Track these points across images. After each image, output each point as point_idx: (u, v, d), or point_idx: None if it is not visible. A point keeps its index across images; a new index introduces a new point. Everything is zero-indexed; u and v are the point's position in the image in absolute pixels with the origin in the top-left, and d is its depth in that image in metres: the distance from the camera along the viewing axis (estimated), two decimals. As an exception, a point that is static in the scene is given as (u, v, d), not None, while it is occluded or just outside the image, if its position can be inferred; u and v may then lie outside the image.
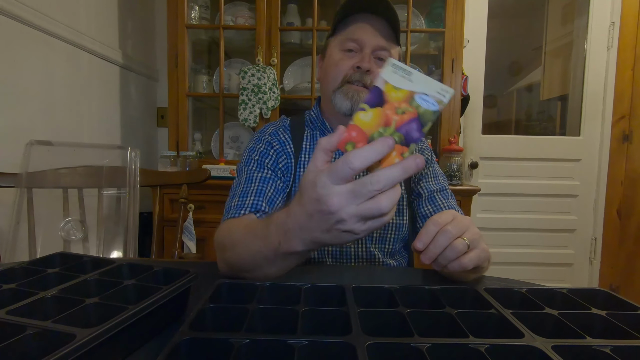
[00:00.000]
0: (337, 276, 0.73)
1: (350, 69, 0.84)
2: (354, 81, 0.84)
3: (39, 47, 1.44)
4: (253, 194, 0.80)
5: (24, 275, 0.52)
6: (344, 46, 0.85)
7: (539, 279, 2.19)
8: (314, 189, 0.43)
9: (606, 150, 2.31)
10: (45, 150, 1.13)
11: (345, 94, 0.84)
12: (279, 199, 0.82)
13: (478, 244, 0.58)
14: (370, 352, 0.35)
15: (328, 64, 0.88)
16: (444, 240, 0.54)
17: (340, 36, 0.86)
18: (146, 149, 2.24)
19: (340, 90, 0.85)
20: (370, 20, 0.84)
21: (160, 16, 2.24)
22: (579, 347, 0.37)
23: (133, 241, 1.17)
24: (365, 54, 0.84)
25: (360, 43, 0.84)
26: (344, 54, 0.86)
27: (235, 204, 0.78)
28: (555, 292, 0.51)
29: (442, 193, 0.93)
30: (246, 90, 1.89)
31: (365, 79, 0.84)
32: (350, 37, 0.84)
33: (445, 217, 0.56)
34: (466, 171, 2.26)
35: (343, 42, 0.85)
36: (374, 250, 0.87)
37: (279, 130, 0.92)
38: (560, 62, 2.60)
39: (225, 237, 0.70)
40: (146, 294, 0.44)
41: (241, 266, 0.64)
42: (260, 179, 0.82)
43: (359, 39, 0.84)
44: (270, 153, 0.87)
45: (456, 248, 0.54)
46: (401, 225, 0.90)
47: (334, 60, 0.86)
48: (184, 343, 0.36)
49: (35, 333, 0.36)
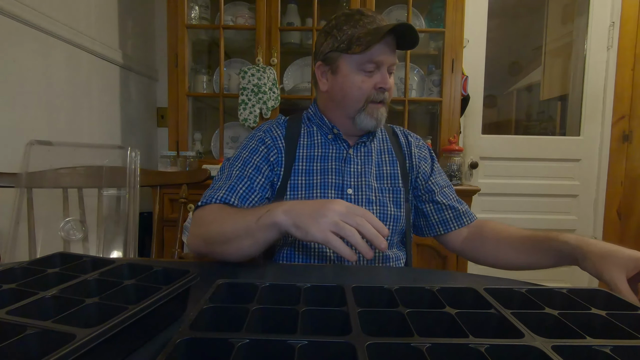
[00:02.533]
0: (337, 276, 0.73)
1: (372, 89, 0.88)
2: (377, 101, 0.89)
3: (39, 47, 1.44)
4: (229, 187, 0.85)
5: (24, 275, 0.52)
6: (365, 67, 0.86)
7: (539, 279, 2.18)
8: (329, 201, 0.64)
9: (606, 150, 2.31)
10: (45, 150, 1.13)
11: (370, 114, 0.89)
12: (253, 196, 0.86)
13: None
14: (370, 352, 0.35)
15: (346, 84, 0.89)
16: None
17: (361, 57, 0.86)
18: (146, 149, 2.24)
19: (365, 110, 0.89)
20: (388, 40, 0.86)
21: (160, 16, 2.24)
22: (579, 347, 0.37)
23: (133, 241, 1.17)
24: (384, 74, 0.87)
25: (380, 64, 0.87)
26: (364, 76, 0.87)
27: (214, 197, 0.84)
28: (555, 292, 0.51)
29: (449, 188, 0.99)
30: (246, 90, 1.89)
31: (385, 96, 0.89)
32: (371, 59, 0.86)
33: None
34: (466, 171, 2.25)
35: (363, 64, 0.86)
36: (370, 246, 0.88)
37: (272, 126, 0.96)
38: (560, 62, 2.60)
39: (206, 214, 0.78)
40: (146, 294, 0.44)
41: (217, 238, 0.72)
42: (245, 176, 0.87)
43: (379, 61, 0.86)
44: (261, 149, 0.91)
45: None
46: (398, 217, 0.92)
47: (356, 82, 0.87)
48: (184, 343, 0.36)
49: (35, 333, 0.36)
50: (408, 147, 1.01)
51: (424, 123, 2.36)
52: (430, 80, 2.09)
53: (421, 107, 2.24)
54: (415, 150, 1.01)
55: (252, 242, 0.69)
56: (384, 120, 0.91)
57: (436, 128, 2.09)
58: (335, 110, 0.94)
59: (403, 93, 2.02)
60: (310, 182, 0.89)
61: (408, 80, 2.01)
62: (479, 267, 0.94)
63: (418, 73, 2.14)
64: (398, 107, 2.10)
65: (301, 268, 0.82)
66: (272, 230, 0.66)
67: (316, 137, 0.95)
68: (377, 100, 0.88)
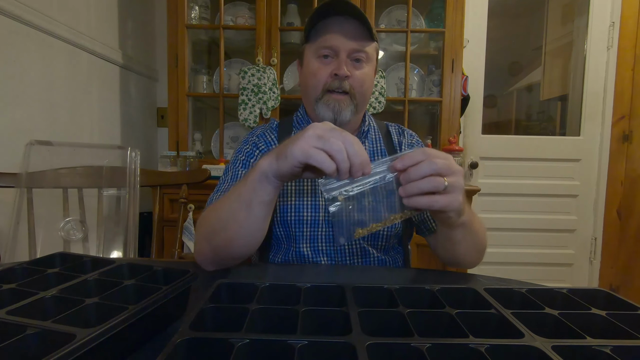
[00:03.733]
0: (337, 276, 0.73)
1: (328, 77, 0.84)
2: (334, 89, 0.84)
3: (39, 47, 1.44)
4: (225, 190, 0.83)
5: (24, 275, 0.52)
6: (319, 53, 0.85)
7: (539, 279, 2.19)
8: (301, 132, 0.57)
9: (606, 150, 2.31)
10: (45, 150, 1.13)
11: (327, 104, 0.85)
12: None
13: (456, 192, 0.58)
14: (370, 352, 0.35)
15: (306, 73, 0.89)
16: (427, 169, 0.55)
17: (314, 44, 0.86)
18: (146, 149, 2.24)
19: (322, 100, 0.86)
20: (341, 24, 0.83)
21: (160, 16, 2.24)
22: (579, 347, 0.37)
23: (133, 241, 1.17)
24: (341, 60, 0.83)
25: (334, 49, 0.84)
26: (320, 62, 0.85)
27: (217, 198, 0.82)
28: (555, 292, 0.51)
29: None
30: (246, 90, 1.89)
31: (344, 85, 0.84)
32: (323, 45, 0.84)
33: (437, 153, 0.57)
34: (466, 171, 2.26)
35: (317, 49, 0.85)
36: (366, 246, 0.87)
37: (266, 132, 0.95)
38: (560, 62, 2.60)
39: (204, 214, 0.76)
40: (146, 294, 0.44)
41: (216, 225, 0.69)
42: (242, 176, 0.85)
43: (332, 46, 0.83)
44: (256, 153, 0.91)
45: (433, 182, 0.55)
46: None
47: (312, 69, 0.86)
48: (184, 343, 0.36)
49: (35, 333, 0.36)
50: (400, 147, 0.98)
51: (424, 123, 2.36)
52: (430, 80, 2.09)
53: (421, 107, 2.24)
54: (406, 150, 0.98)
55: (247, 211, 0.65)
56: (348, 114, 0.86)
57: (436, 128, 2.09)
58: (307, 105, 0.93)
59: (403, 93, 2.02)
60: (300, 188, 0.88)
61: (408, 80, 2.01)
62: (478, 267, 0.94)
63: (418, 73, 2.14)
64: (398, 107, 2.10)
65: (301, 268, 0.82)
66: (262, 183, 0.62)
67: None
68: (334, 88, 0.84)
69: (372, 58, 0.89)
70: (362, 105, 0.90)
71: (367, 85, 0.88)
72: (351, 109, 0.86)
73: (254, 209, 0.65)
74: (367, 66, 0.87)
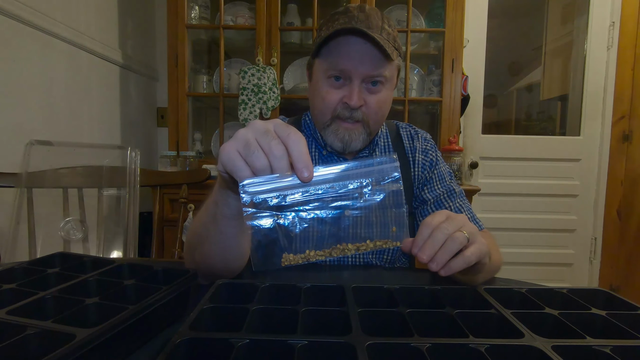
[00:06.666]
0: (337, 276, 0.73)
1: (338, 103, 0.76)
2: (345, 118, 0.76)
3: (39, 47, 1.44)
4: None
5: (24, 275, 0.52)
6: (329, 74, 0.75)
7: (539, 279, 2.19)
8: None
9: (606, 150, 2.31)
10: (45, 150, 1.13)
11: (335, 133, 0.78)
12: None
13: (476, 238, 0.53)
14: (370, 352, 0.35)
15: (314, 92, 0.79)
16: (441, 236, 0.50)
17: (325, 62, 0.75)
18: (146, 149, 2.24)
19: (330, 128, 0.78)
20: (356, 44, 0.72)
21: (160, 16, 2.24)
22: (579, 347, 0.37)
23: (133, 241, 1.16)
24: (353, 87, 0.74)
25: (347, 74, 0.74)
26: (330, 85, 0.76)
27: None
28: (555, 292, 0.51)
29: (449, 195, 0.88)
30: (246, 90, 1.89)
31: (356, 114, 0.76)
32: (336, 67, 0.74)
33: (438, 218, 0.53)
34: (466, 171, 2.25)
35: (328, 71, 0.75)
36: (372, 260, 0.86)
37: None
38: (560, 62, 2.60)
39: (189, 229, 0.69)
40: (146, 294, 0.44)
41: (196, 242, 0.62)
42: None
43: (344, 70, 0.74)
44: None
45: (457, 239, 0.50)
46: None
47: (320, 92, 0.77)
48: (184, 343, 0.36)
49: (35, 333, 0.36)
50: (412, 154, 0.90)
51: (424, 123, 2.36)
52: (430, 80, 2.09)
53: (421, 107, 2.24)
54: (420, 157, 0.90)
55: (214, 226, 0.56)
56: (359, 144, 0.79)
57: (436, 128, 2.09)
58: (315, 124, 0.85)
59: (403, 93, 2.02)
60: None
61: (408, 80, 2.01)
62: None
63: (418, 73, 2.14)
64: (398, 107, 2.10)
65: (301, 268, 0.81)
66: (222, 194, 0.53)
67: (313, 151, 0.87)
68: (344, 117, 0.76)
69: (392, 78, 0.79)
70: (376, 131, 0.82)
71: (384, 111, 0.80)
72: (363, 137, 0.79)
73: (220, 225, 0.56)
74: (385, 89, 0.77)
